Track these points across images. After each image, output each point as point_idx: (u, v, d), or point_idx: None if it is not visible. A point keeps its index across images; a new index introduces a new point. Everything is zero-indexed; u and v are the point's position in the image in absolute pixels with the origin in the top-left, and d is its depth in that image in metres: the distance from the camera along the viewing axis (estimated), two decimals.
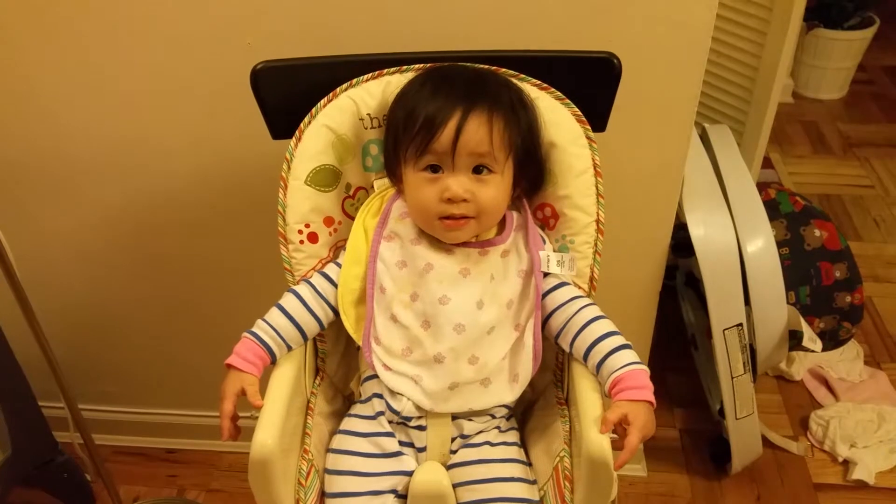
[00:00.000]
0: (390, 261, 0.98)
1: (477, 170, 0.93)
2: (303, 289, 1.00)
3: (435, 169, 0.93)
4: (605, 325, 0.94)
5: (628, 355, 0.90)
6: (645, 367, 0.89)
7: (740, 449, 1.62)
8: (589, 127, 0.98)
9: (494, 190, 0.94)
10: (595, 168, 0.98)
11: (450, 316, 0.94)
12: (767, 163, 2.73)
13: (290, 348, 0.99)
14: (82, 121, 1.35)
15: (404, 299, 0.96)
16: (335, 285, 1.00)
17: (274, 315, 0.98)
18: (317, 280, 1.00)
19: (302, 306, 0.99)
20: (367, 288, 0.97)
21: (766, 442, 1.72)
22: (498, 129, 0.92)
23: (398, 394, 0.95)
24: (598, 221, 0.99)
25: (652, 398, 0.87)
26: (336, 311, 1.01)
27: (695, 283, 1.89)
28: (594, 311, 0.96)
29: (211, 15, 1.21)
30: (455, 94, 0.92)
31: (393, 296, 0.96)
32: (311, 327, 1.00)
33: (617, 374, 0.88)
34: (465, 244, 0.97)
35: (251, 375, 0.95)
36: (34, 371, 1.47)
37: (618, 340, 0.92)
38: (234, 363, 0.95)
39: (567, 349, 0.97)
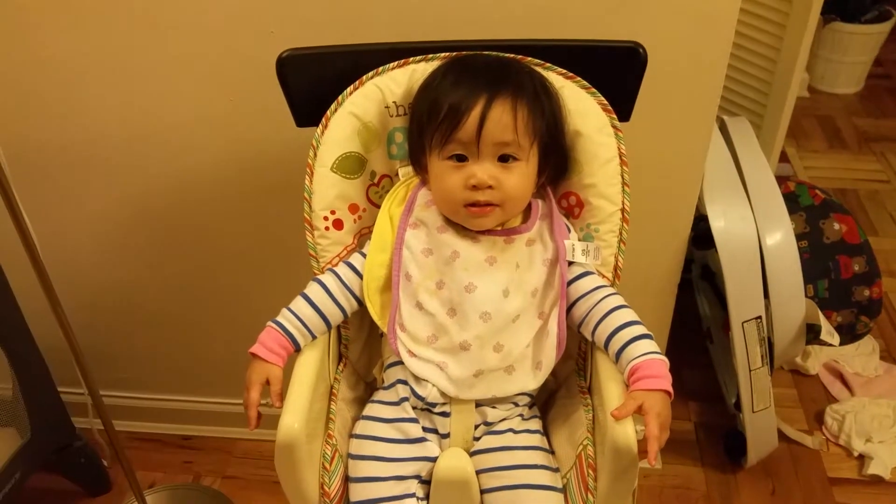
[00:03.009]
0: (416, 248, 0.98)
1: (503, 158, 0.93)
2: (328, 278, 1.00)
3: (460, 158, 0.94)
4: (628, 315, 0.94)
5: (647, 345, 0.90)
6: (663, 358, 0.89)
7: (756, 442, 1.61)
8: (615, 116, 0.99)
9: (519, 177, 0.94)
10: (621, 157, 0.98)
11: (476, 304, 0.94)
12: (783, 157, 2.73)
13: (314, 337, 0.99)
14: (106, 107, 1.36)
15: (430, 287, 0.96)
16: (360, 276, 1.00)
17: (299, 304, 0.99)
18: (342, 270, 1.01)
19: (327, 296, 0.99)
20: (392, 275, 0.98)
21: (781, 436, 1.71)
22: (522, 116, 0.92)
23: (423, 380, 0.96)
24: (623, 210, 0.99)
25: (669, 388, 0.87)
26: (360, 301, 1.01)
27: (710, 277, 1.88)
28: (617, 300, 0.96)
29: (234, 3, 1.21)
30: (478, 83, 0.93)
31: (419, 283, 0.97)
32: (336, 317, 1.00)
33: (634, 363, 0.89)
34: (490, 232, 0.98)
35: (276, 367, 0.95)
36: (52, 356, 1.49)
37: (638, 330, 0.92)
38: (258, 353, 0.95)
39: (589, 337, 0.97)
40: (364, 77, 1.00)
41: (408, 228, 0.99)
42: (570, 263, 0.97)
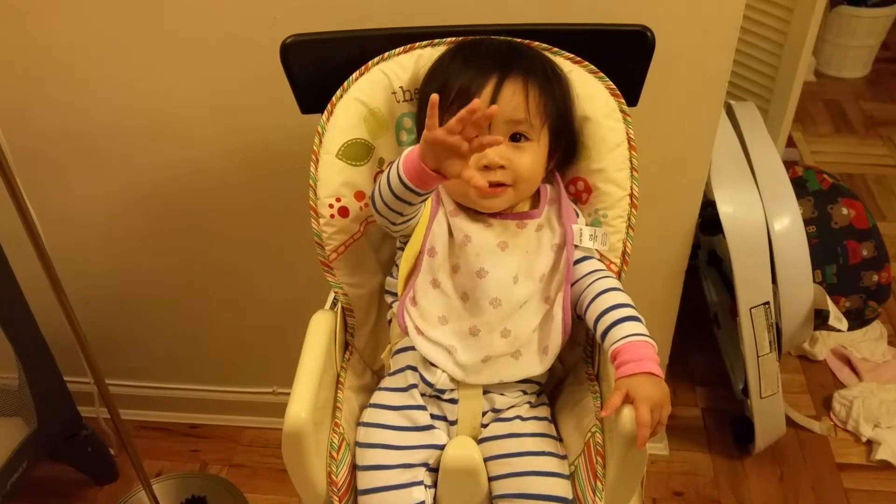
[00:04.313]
0: (442, 227, 0.97)
1: (514, 137, 0.93)
2: None
3: None
4: (617, 297, 0.92)
5: (631, 327, 0.88)
6: (647, 339, 0.86)
7: (764, 428, 1.61)
8: (623, 101, 0.98)
9: (531, 157, 0.93)
10: (629, 142, 0.97)
11: (487, 290, 0.93)
12: (790, 141, 2.70)
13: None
14: (109, 95, 1.35)
15: (447, 269, 0.96)
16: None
17: None
18: None
19: None
20: (420, 245, 0.96)
21: (789, 422, 1.71)
22: (534, 96, 0.92)
23: (432, 365, 0.95)
24: (631, 196, 0.98)
25: (653, 368, 0.83)
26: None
27: (717, 262, 1.87)
28: (611, 282, 0.95)
29: None
30: (488, 64, 0.92)
31: (440, 263, 0.96)
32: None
33: (616, 346, 0.86)
34: (502, 216, 0.97)
35: None
36: (57, 346, 1.49)
37: (625, 312, 0.90)
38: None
39: (585, 319, 0.95)
40: (370, 63, 0.99)
41: (439, 207, 0.98)
42: (576, 248, 0.97)
